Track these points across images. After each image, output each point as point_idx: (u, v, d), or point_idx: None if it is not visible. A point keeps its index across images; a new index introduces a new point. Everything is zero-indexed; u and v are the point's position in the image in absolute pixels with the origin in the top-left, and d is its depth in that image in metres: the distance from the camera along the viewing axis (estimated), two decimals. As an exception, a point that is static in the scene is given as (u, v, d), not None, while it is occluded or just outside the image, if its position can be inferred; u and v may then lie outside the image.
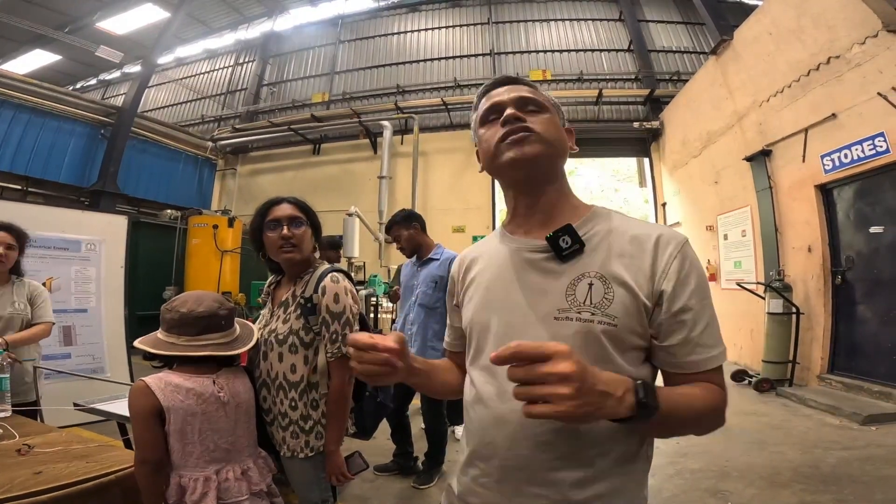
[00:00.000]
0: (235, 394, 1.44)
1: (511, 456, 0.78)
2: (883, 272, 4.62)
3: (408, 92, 11.13)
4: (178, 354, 1.38)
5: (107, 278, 4.25)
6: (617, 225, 0.83)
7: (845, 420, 4.08)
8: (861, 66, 4.54)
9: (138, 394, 1.30)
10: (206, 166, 11.63)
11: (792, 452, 3.43)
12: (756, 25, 6.06)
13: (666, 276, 0.76)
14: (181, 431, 1.31)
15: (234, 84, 13.28)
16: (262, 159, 11.72)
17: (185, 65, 14.49)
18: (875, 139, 4.42)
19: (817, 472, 3.07)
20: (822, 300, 5.09)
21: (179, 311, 1.39)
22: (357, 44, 12.47)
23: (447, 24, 11.92)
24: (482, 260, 0.94)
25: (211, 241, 7.84)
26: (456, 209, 9.59)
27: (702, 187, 7.74)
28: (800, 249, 5.46)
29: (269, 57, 13.32)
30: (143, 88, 9.75)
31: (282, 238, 1.56)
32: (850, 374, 4.81)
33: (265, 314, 1.69)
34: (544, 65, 10.83)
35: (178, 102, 13.95)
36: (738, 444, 3.64)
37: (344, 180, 10.47)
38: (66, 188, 8.52)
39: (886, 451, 3.34)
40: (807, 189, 5.33)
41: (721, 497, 2.79)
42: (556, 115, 0.90)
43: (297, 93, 12.33)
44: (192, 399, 1.33)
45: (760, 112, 6.03)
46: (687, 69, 10.15)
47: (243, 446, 1.45)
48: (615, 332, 0.75)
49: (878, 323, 4.64)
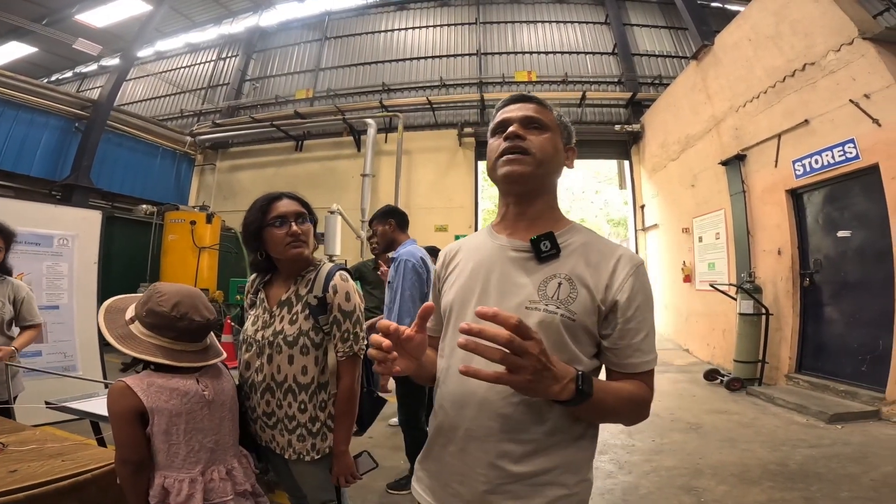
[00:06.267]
0: (219, 392, 1.42)
1: (475, 426, 0.89)
2: (849, 275, 4.77)
3: (393, 90, 11.07)
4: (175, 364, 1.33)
5: (79, 274, 4.15)
6: (589, 240, 0.97)
7: (812, 418, 4.19)
8: (835, 73, 4.61)
9: (119, 395, 1.26)
10: (184, 161, 11.39)
11: (761, 450, 3.52)
12: (737, 31, 6.13)
13: (621, 290, 0.90)
14: (166, 432, 1.28)
15: (216, 79, 13.02)
16: (242, 155, 11.53)
17: (166, 58, 14.16)
18: (845, 145, 4.54)
19: (785, 470, 3.15)
20: (791, 301, 5.23)
21: (187, 316, 1.34)
22: (343, 41, 12.36)
23: (435, 24, 11.90)
24: (465, 251, 1.07)
25: (188, 237, 7.69)
26: (439, 208, 9.60)
27: (679, 190, 7.86)
28: (770, 252, 5.59)
29: (253, 52, 13.11)
30: (121, 82, 9.52)
31: (290, 235, 1.52)
32: (816, 373, 4.96)
33: (258, 315, 1.61)
34: (530, 66, 10.88)
35: (157, 96, 13.61)
36: (711, 442, 3.74)
37: (326, 178, 10.38)
38: (37, 182, 8.25)
39: (852, 450, 3.43)
40: (778, 193, 5.46)
41: (695, 494, 2.86)
42: (559, 134, 1.01)
43: (281, 89, 12.17)
44: (177, 399, 1.30)
45: (737, 117, 6.13)
46: (669, 73, 10.26)
47: (228, 445, 1.42)
48: (572, 325, 0.88)
49: (844, 324, 4.79)
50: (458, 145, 10.05)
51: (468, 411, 0.90)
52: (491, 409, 0.88)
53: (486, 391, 0.88)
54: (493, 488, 0.88)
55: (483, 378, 0.70)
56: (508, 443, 0.87)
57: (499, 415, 0.88)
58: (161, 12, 10.26)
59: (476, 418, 0.89)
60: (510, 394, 0.86)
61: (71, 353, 3.98)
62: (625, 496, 2.88)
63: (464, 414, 0.91)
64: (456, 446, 0.92)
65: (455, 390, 0.93)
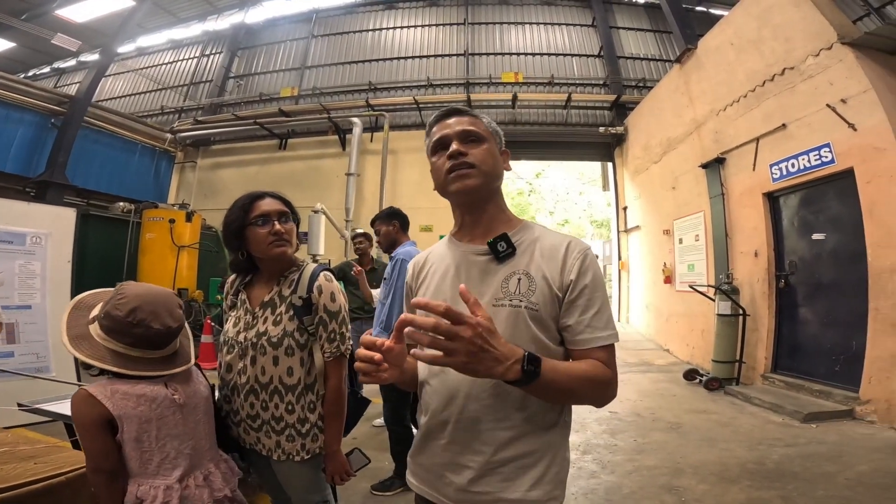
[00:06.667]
0: (192, 395, 1.36)
1: (462, 418, 0.97)
2: (823, 277, 4.88)
3: (380, 89, 11.02)
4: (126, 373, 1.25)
5: (53, 273, 4.03)
6: (539, 235, 1.05)
7: (787, 418, 4.27)
8: (813, 77, 4.67)
9: (82, 403, 1.20)
10: (163, 158, 11.16)
11: (739, 449, 3.57)
12: (720, 35, 6.17)
13: (571, 271, 0.98)
14: (137, 439, 1.22)
15: (199, 76, 12.80)
16: (224, 153, 11.35)
17: (147, 54, 13.87)
18: (821, 150, 4.61)
19: (763, 469, 3.21)
20: (767, 303, 5.33)
21: (143, 322, 1.25)
22: (331, 39, 12.26)
23: (423, 23, 11.88)
24: (432, 261, 1.14)
25: (167, 235, 7.51)
26: (424, 208, 9.57)
27: (661, 192, 7.95)
28: (747, 254, 5.69)
29: (238, 49, 12.93)
30: (100, 78, 9.34)
31: (273, 234, 1.51)
32: (791, 373, 5.06)
33: (239, 316, 1.59)
34: (517, 67, 10.93)
35: (137, 92, 13.32)
36: (691, 442, 3.79)
37: (310, 176, 10.28)
38: (11, 178, 8.02)
39: (826, 449, 3.50)
40: (755, 196, 5.55)
41: (676, 493, 2.90)
42: (494, 141, 1.08)
43: (266, 86, 12.02)
44: (145, 405, 1.24)
45: (717, 120, 6.21)
46: (653, 76, 10.40)
47: (205, 450, 1.37)
48: (538, 315, 0.96)
49: (818, 325, 4.90)
50: (442, 147, 10.04)
51: (455, 405, 0.97)
52: (476, 401, 0.96)
53: (470, 386, 0.95)
54: (481, 473, 0.95)
55: (419, 359, 0.77)
56: (493, 430, 0.95)
57: (483, 405, 0.95)
58: (144, 8, 10.06)
59: (462, 411, 0.96)
60: (491, 385, 0.94)
61: (44, 354, 3.86)
62: (608, 496, 2.91)
63: (451, 408, 0.98)
64: (446, 439, 0.99)
65: (440, 388, 1.00)
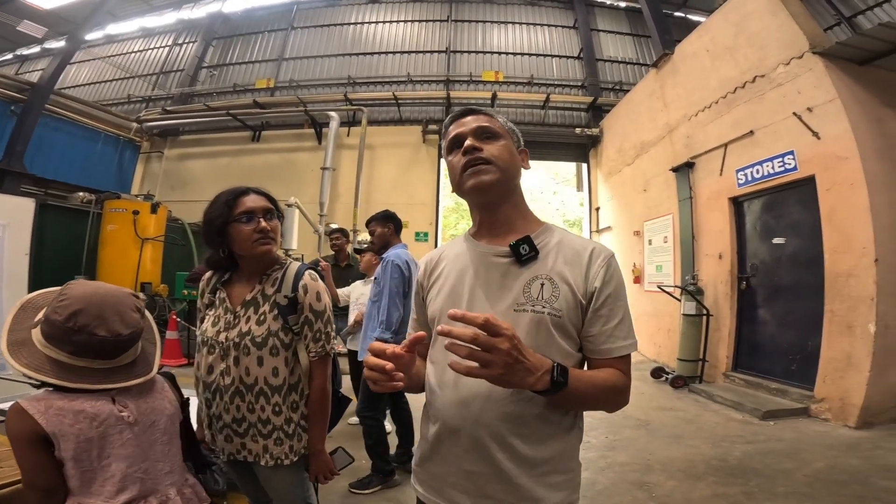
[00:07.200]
0: (147, 412, 1.21)
1: (479, 426, 0.93)
2: (782, 280, 5.04)
3: (359, 84, 10.89)
4: (66, 385, 1.10)
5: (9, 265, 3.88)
6: (562, 238, 1.03)
7: (747, 415, 4.41)
8: (783, 85, 4.76)
9: (16, 417, 1.07)
10: (128, 148, 10.79)
11: (704, 446, 3.68)
12: (697, 41, 6.23)
13: (595, 278, 0.96)
14: (75, 459, 1.08)
15: (170, 65, 12.38)
16: (193, 143, 11.04)
17: (116, 42, 13.35)
18: (785, 157, 4.75)
19: (726, 465, 3.31)
20: (729, 303, 5.48)
21: (86, 329, 1.10)
22: (311, 31, 12.04)
23: (406, 19, 11.77)
24: (447, 260, 1.10)
25: (130, 227, 7.25)
26: (400, 204, 9.47)
27: (632, 194, 8.07)
28: (712, 256, 5.84)
29: (213, 39, 12.58)
30: (64, 65, 8.98)
31: (258, 231, 1.47)
32: (751, 371, 5.22)
33: (219, 315, 1.54)
34: (497, 66, 10.94)
35: (103, 80, 12.82)
36: (659, 439, 3.88)
37: (284, 170, 10.09)
38: (-35, 168, 7.58)
39: (785, 446, 3.62)
40: (722, 200, 5.69)
41: (646, 489, 2.97)
42: (511, 139, 1.06)
43: (241, 77, 11.75)
44: (84, 422, 1.09)
45: (689, 125, 6.31)
46: (630, 80, 10.54)
47: (161, 473, 1.21)
48: (560, 322, 0.94)
49: (776, 325, 5.06)
50: (421, 142, 10.00)
51: (471, 412, 0.94)
52: (495, 408, 0.93)
53: (487, 394, 0.93)
54: (500, 481, 0.93)
55: (458, 371, 0.76)
56: (513, 438, 0.93)
57: (503, 413, 0.93)
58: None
59: (479, 418, 0.93)
60: (509, 393, 0.92)
61: (-4, 351, 3.66)
62: (583, 492, 2.92)
63: (466, 415, 0.94)
64: (460, 447, 0.95)
65: (454, 396, 0.97)
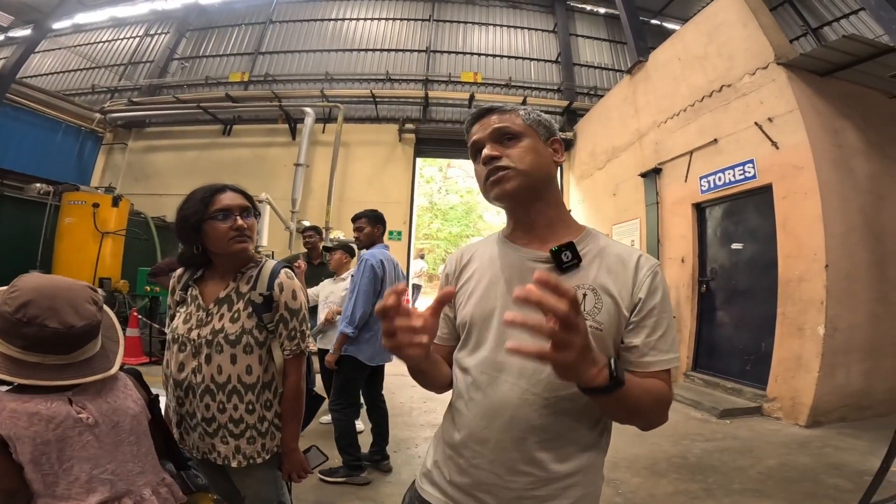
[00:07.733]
0: (109, 412, 1.14)
1: (506, 437, 0.90)
2: (739, 283, 5.23)
3: (336, 80, 10.75)
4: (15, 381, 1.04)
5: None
6: (605, 245, 0.97)
7: (706, 414, 4.54)
8: (747, 95, 4.91)
9: None
10: (89, 139, 10.39)
11: (666, 444, 3.77)
12: (670, 49, 6.36)
13: (641, 289, 0.91)
14: (34, 462, 1.02)
15: (139, 56, 11.97)
16: (160, 136, 10.68)
17: (83, 32, 12.81)
18: (745, 165, 4.92)
19: (687, 463, 3.41)
20: (690, 306, 5.66)
21: (36, 321, 1.04)
22: (289, 25, 11.82)
23: (387, 17, 11.68)
24: (479, 260, 1.04)
25: (89, 220, 6.98)
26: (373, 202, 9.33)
27: (603, 198, 8.21)
28: (675, 260, 6.00)
29: (187, 31, 12.22)
30: (28, 55, 8.68)
31: (235, 229, 1.46)
32: (709, 371, 5.40)
33: (190, 312, 1.52)
34: (477, 67, 10.95)
35: (67, 70, 12.30)
36: (624, 437, 3.90)
37: (256, 165, 9.86)
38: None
39: (740, 444, 3.76)
40: (685, 206, 5.86)
41: (613, 486, 3.04)
42: (535, 134, 0.99)
43: (214, 70, 11.45)
44: (40, 425, 1.03)
45: (658, 132, 6.47)
46: (605, 85, 10.71)
47: (133, 474, 1.15)
48: (601, 336, 0.88)
49: (733, 327, 5.25)
50: (397, 140, 9.94)
51: (498, 423, 0.91)
52: (524, 421, 0.89)
53: (519, 402, 0.90)
54: (522, 494, 0.90)
55: (525, 353, 0.67)
56: (539, 451, 0.90)
57: (532, 426, 0.89)
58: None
59: (508, 430, 0.90)
60: (542, 405, 0.89)
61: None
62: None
63: (493, 426, 0.91)
64: (485, 458, 0.92)
65: (484, 402, 0.93)
